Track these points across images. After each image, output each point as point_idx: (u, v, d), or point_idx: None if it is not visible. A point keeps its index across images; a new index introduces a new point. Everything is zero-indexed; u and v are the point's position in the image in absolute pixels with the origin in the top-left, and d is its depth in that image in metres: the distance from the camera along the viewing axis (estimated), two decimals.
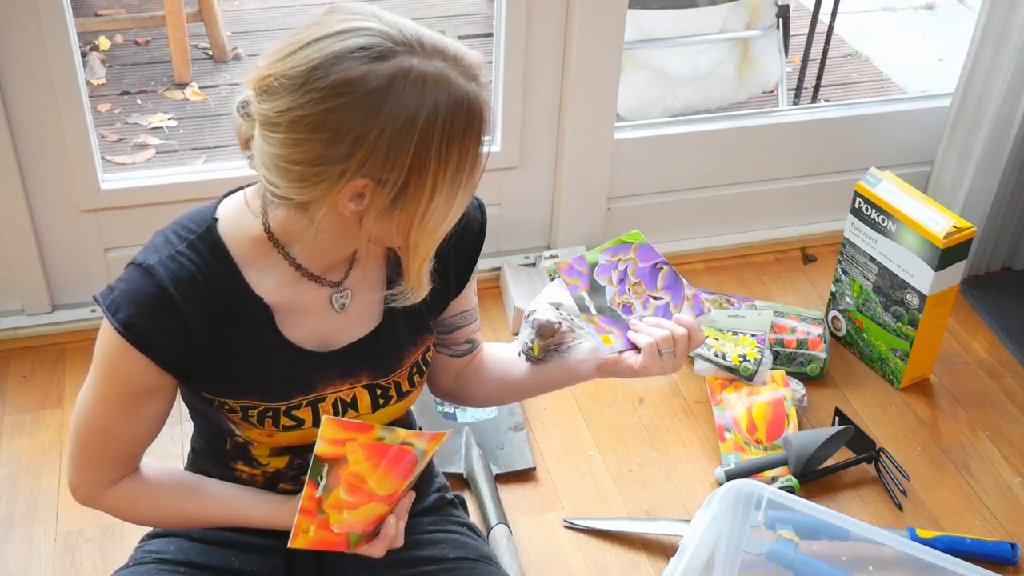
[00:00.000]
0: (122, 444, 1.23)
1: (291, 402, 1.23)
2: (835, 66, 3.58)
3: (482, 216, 1.33)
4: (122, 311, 1.14)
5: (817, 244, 2.70)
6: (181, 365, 1.19)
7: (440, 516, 1.43)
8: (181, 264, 1.16)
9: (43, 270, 2.29)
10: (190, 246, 1.17)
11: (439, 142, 1.06)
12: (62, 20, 2.04)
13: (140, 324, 1.14)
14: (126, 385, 1.19)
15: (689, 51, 3.13)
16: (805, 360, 2.30)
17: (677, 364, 1.28)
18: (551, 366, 1.36)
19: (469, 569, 1.34)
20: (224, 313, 1.18)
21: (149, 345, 1.15)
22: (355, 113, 1.04)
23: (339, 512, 1.19)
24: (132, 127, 3.17)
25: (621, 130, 2.50)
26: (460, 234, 1.29)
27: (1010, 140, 2.44)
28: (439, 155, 1.07)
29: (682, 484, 2.08)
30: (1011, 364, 2.39)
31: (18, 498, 1.98)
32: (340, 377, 1.25)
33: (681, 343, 1.27)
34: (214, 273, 1.17)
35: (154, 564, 1.32)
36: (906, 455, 2.15)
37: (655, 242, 2.80)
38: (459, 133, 1.07)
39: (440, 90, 1.05)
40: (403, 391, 1.30)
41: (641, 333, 1.27)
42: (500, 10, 2.27)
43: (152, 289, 1.14)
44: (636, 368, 1.27)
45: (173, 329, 1.16)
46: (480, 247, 1.34)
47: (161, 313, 1.15)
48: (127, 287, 1.16)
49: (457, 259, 1.31)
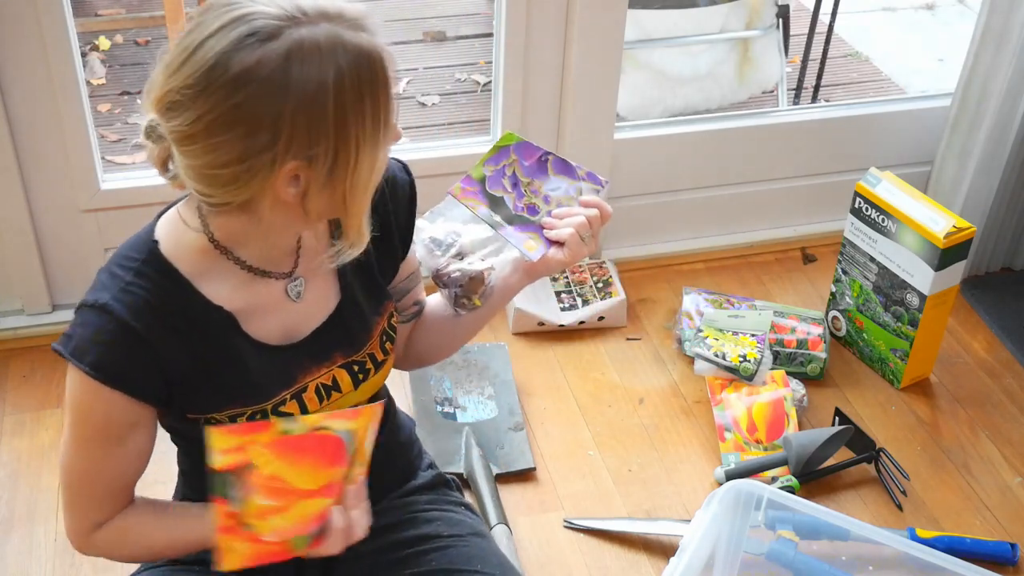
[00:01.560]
0: (111, 481, 1.22)
1: (276, 400, 1.23)
2: (835, 66, 3.58)
3: (408, 175, 1.34)
4: (89, 354, 1.13)
5: (817, 244, 2.70)
6: (159, 393, 1.18)
7: (436, 494, 1.44)
8: (134, 294, 1.15)
9: (43, 270, 2.29)
10: (138, 274, 1.16)
11: (353, 101, 1.06)
12: (62, 20, 2.04)
13: (110, 362, 1.13)
14: (104, 426, 1.17)
15: (689, 51, 3.13)
16: (805, 360, 2.30)
17: (595, 245, 1.33)
18: (487, 303, 1.37)
19: (463, 545, 1.36)
20: (189, 330, 1.17)
21: (123, 381, 1.14)
22: (263, 99, 1.04)
23: (265, 520, 1.12)
24: (132, 127, 3.17)
25: (621, 130, 2.50)
26: (393, 195, 1.31)
27: (1010, 140, 2.44)
28: (356, 113, 1.07)
29: (682, 484, 2.08)
30: (1011, 364, 2.39)
31: (18, 498, 1.98)
32: (315, 363, 1.25)
33: (596, 223, 1.31)
34: (168, 294, 1.16)
35: (166, 567, 1.32)
36: (906, 455, 2.15)
37: (655, 242, 2.80)
38: (368, 86, 1.07)
39: (337, 51, 1.05)
40: (378, 361, 1.31)
41: (559, 228, 1.31)
42: (500, 10, 2.27)
43: (112, 326, 1.13)
44: (565, 261, 1.31)
45: (143, 359, 1.15)
46: (414, 205, 1.35)
47: (128, 346, 1.14)
48: (85, 330, 1.14)
49: (397, 222, 1.33)
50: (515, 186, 1.31)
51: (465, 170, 1.39)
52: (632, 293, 2.51)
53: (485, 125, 2.57)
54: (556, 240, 1.31)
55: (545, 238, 1.31)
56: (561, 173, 1.32)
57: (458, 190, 1.31)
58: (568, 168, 1.34)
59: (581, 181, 1.33)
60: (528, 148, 1.33)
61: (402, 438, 1.46)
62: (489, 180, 1.32)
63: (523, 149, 1.33)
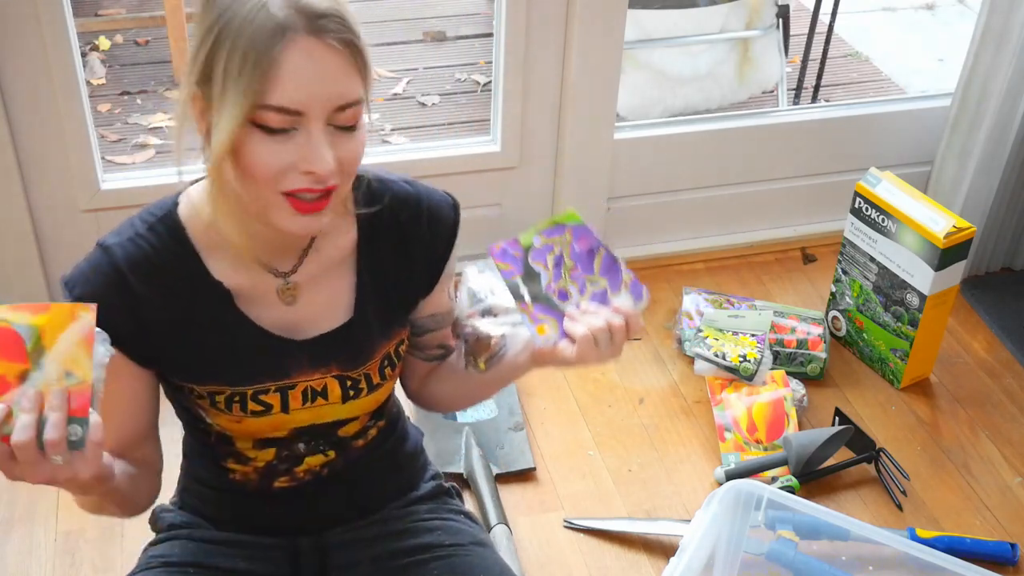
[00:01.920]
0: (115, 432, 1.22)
1: (258, 386, 1.23)
2: (835, 66, 3.58)
3: (454, 215, 1.32)
4: (77, 288, 1.18)
5: (817, 244, 2.70)
6: (138, 347, 1.19)
7: (436, 504, 1.43)
8: (139, 246, 1.19)
9: (43, 270, 2.29)
10: (150, 229, 1.20)
11: (231, 48, 1.07)
12: (62, 20, 2.04)
13: (91, 299, 1.12)
14: None
15: (689, 51, 3.13)
16: (805, 360, 2.30)
17: (615, 352, 1.22)
18: (495, 369, 1.31)
19: (465, 555, 1.35)
20: (183, 295, 1.20)
21: (100, 322, 1.14)
22: (203, 15, 1.09)
23: None
24: (132, 127, 3.17)
25: (621, 130, 2.50)
26: (431, 229, 1.29)
27: (1010, 140, 2.44)
28: (229, 60, 1.07)
29: (682, 484, 2.08)
30: (1011, 364, 2.39)
31: (18, 498, 1.98)
32: (311, 366, 1.25)
33: (618, 332, 1.20)
34: (171, 256, 1.19)
35: (161, 568, 1.32)
36: (906, 455, 2.15)
37: (655, 242, 2.80)
38: (249, 43, 1.06)
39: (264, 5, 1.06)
40: (373, 383, 1.29)
41: (577, 323, 1.21)
42: (500, 10, 2.27)
43: (107, 268, 1.18)
44: (571, 359, 1.21)
45: (124, 309, 1.17)
46: (451, 246, 1.32)
47: (112, 292, 1.17)
48: (86, 265, 1.20)
49: (428, 256, 1.31)
50: (557, 266, 1.24)
51: (465, 170, 1.39)
52: None
53: (485, 125, 2.57)
54: (570, 334, 1.22)
55: (562, 329, 1.22)
56: (606, 272, 1.25)
57: (498, 248, 1.24)
58: (615, 269, 1.26)
59: (623, 286, 1.25)
60: (584, 234, 1.26)
61: (408, 448, 1.45)
62: (534, 251, 1.24)
63: (580, 233, 1.26)
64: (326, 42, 1.07)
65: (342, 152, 1.11)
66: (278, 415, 1.25)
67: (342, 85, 1.09)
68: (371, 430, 1.36)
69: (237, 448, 1.30)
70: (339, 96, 1.09)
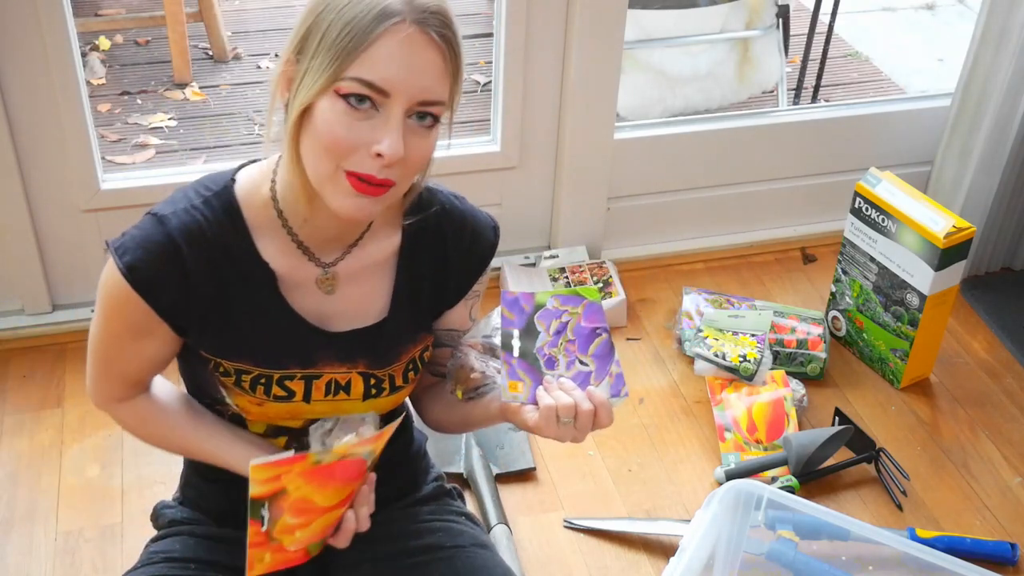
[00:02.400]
0: (126, 371, 1.27)
1: (285, 372, 1.25)
2: (835, 66, 3.58)
3: (494, 237, 1.35)
4: (128, 254, 1.18)
5: (817, 244, 2.70)
6: (178, 316, 1.21)
7: (438, 505, 1.44)
8: (193, 218, 1.19)
9: (43, 270, 2.29)
10: (205, 203, 1.21)
11: (333, 20, 1.10)
12: (62, 20, 2.04)
13: (143, 269, 1.17)
14: (124, 325, 1.22)
15: (689, 51, 3.13)
16: (805, 360, 2.30)
17: (578, 436, 1.21)
18: (471, 404, 1.31)
19: (465, 556, 1.35)
20: (229, 272, 1.21)
21: (149, 291, 1.18)
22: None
23: (291, 534, 1.17)
24: (132, 127, 3.17)
25: (621, 130, 2.50)
26: (471, 246, 1.31)
27: (1010, 140, 2.44)
28: (327, 31, 1.10)
29: (682, 484, 2.08)
30: (1011, 364, 2.39)
31: (18, 498, 1.98)
32: (339, 359, 1.26)
33: (583, 417, 1.19)
34: (224, 232, 1.20)
35: (163, 563, 1.32)
36: (906, 455, 2.15)
37: (655, 242, 2.80)
38: (352, 18, 1.09)
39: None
40: (396, 385, 1.31)
41: (548, 393, 1.19)
42: (500, 10, 2.27)
43: (161, 238, 1.18)
44: (531, 426, 1.20)
45: (174, 279, 1.19)
46: (486, 265, 1.34)
47: (165, 262, 1.18)
48: (138, 233, 1.19)
49: (461, 269, 1.33)
50: (557, 333, 1.23)
51: (465, 170, 1.39)
52: (632, 293, 2.51)
53: (485, 125, 2.57)
54: (538, 401, 1.20)
55: (534, 393, 1.20)
56: (599, 357, 1.24)
57: (512, 296, 1.23)
58: (608, 357, 1.24)
59: (607, 377, 1.23)
60: (596, 314, 1.25)
61: (412, 452, 1.46)
62: (544, 311, 1.24)
63: (592, 311, 1.25)
64: (428, 34, 1.10)
65: (412, 148, 1.12)
66: (299, 403, 1.26)
67: (432, 80, 1.11)
68: None
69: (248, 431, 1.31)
70: (426, 90, 1.11)
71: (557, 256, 2.53)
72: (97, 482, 2.01)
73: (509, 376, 1.21)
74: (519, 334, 1.22)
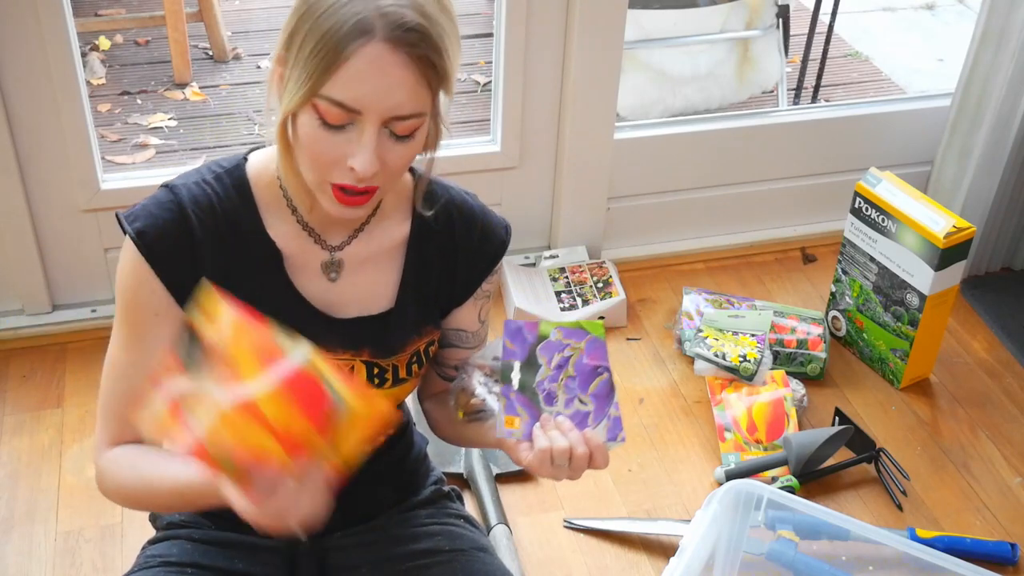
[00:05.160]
0: (129, 388, 1.23)
1: None
2: (835, 66, 3.58)
3: (506, 236, 1.36)
4: (139, 221, 1.19)
5: (817, 244, 2.70)
6: (186, 290, 1.20)
7: (436, 508, 1.43)
8: (204, 191, 1.21)
9: (43, 270, 2.29)
10: (217, 178, 1.23)
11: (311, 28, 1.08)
12: (62, 20, 2.04)
13: (152, 234, 1.18)
14: (135, 305, 1.22)
15: (689, 51, 3.13)
16: (805, 360, 2.30)
17: (572, 476, 1.20)
18: (472, 425, 1.30)
19: (465, 560, 1.35)
20: (237, 248, 1.22)
21: (157, 257, 1.19)
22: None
23: (209, 412, 0.95)
24: (132, 127, 3.17)
25: (621, 130, 2.50)
26: (480, 245, 1.32)
27: (1010, 140, 2.44)
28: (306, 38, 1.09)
29: (682, 484, 2.08)
30: (1011, 364, 2.39)
31: (18, 498, 1.98)
32: (343, 346, 1.26)
33: (578, 461, 1.18)
34: (234, 207, 1.21)
35: (160, 568, 1.32)
36: (906, 455, 2.15)
37: (655, 242, 2.80)
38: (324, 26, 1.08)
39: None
40: (399, 377, 1.30)
41: (543, 433, 1.18)
42: (500, 10, 2.27)
43: (171, 205, 1.20)
44: (524, 464, 1.20)
45: (183, 248, 1.19)
46: (495, 263, 1.35)
47: (174, 229, 1.19)
48: (149, 202, 1.21)
49: (469, 265, 1.33)
50: (558, 368, 1.21)
51: (465, 170, 1.39)
52: (632, 293, 2.51)
53: (485, 125, 2.57)
54: (533, 440, 1.19)
55: (530, 431, 1.18)
56: (597, 398, 1.22)
57: (515, 325, 1.21)
58: (607, 398, 1.22)
59: (605, 419, 1.22)
60: (598, 351, 1.22)
61: (412, 456, 1.46)
62: (547, 344, 1.21)
63: (595, 347, 1.22)
64: (399, 54, 1.08)
65: (390, 157, 1.13)
66: None
67: (404, 97, 1.10)
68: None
69: None
70: (397, 107, 1.10)
71: (557, 256, 2.53)
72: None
73: (507, 411, 1.19)
74: (520, 366, 1.20)
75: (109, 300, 2.34)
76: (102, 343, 1.29)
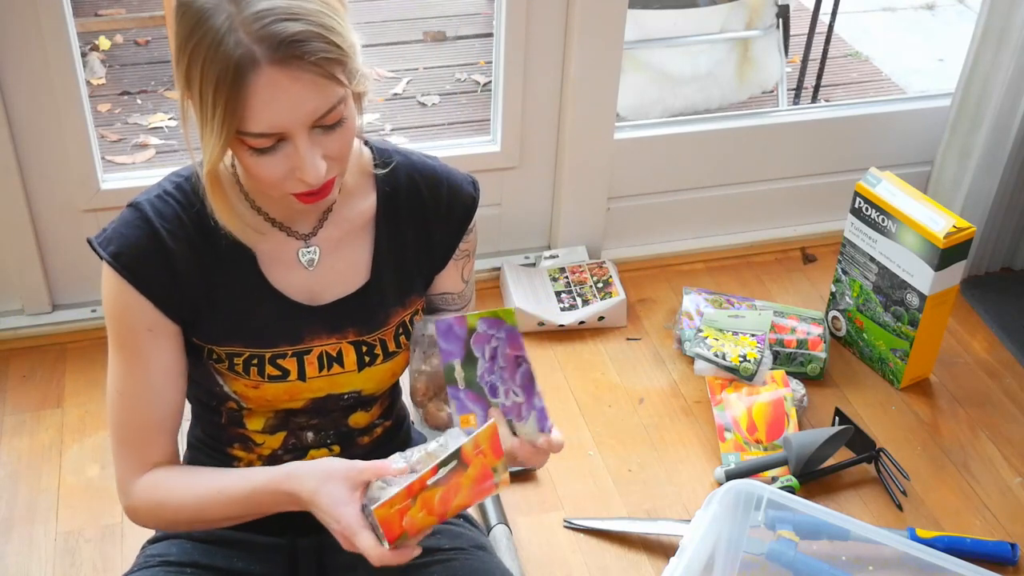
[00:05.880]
0: (142, 406, 1.24)
1: (276, 350, 1.25)
2: (835, 66, 3.58)
3: (474, 191, 1.34)
4: (112, 244, 1.20)
5: (817, 244, 2.70)
6: (171, 302, 1.21)
7: None
8: (167, 203, 1.21)
9: (43, 270, 2.29)
10: (177, 188, 1.23)
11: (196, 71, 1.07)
12: (62, 20, 2.04)
13: (128, 255, 1.19)
14: (127, 328, 1.22)
15: (689, 51, 3.13)
16: (805, 360, 2.30)
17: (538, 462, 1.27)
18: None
19: (464, 559, 1.35)
20: (209, 254, 1.22)
21: (137, 275, 1.19)
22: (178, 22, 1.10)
23: (419, 511, 1.11)
24: (132, 127, 3.17)
25: (621, 130, 2.50)
26: (449, 203, 1.31)
27: (1010, 140, 2.44)
28: (197, 79, 1.07)
29: (682, 484, 2.08)
30: (1011, 364, 2.39)
31: (18, 498, 1.98)
32: (326, 331, 1.26)
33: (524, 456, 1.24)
34: (199, 216, 1.21)
35: (159, 567, 1.32)
36: (906, 455, 2.15)
37: (655, 242, 2.79)
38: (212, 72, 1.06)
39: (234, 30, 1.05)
40: (389, 351, 1.30)
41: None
42: (500, 10, 2.27)
43: (139, 223, 1.20)
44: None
45: (159, 262, 1.20)
46: (468, 220, 1.33)
47: (147, 245, 1.19)
48: (117, 224, 1.21)
49: (442, 227, 1.32)
50: (492, 359, 1.20)
51: (465, 170, 1.39)
52: (632, 293, 2.51)
53: (485, 125, 2.57)
54: None
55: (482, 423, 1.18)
56: (522, 387, 1.20)
57: (445, 325, 1.19)
58: (530, 388, 1.20)
59: (532, 411, 1.21)
60: (515, 341, 1.19)
61: None
62: (477, 336, 1.19)
63: (512, 337, 1.19)
64: (291, 69, 1.06)
65: (330, 148, 1.13)
66: (295, 382, 1.26)
67: (316, 102, 1.09)
68: (377, 428, 1.37)
69: (246, 432, 1.31)
70: (314, 112, 1.09)
71: (557, 256, 2.53)
72: (97, 482, 2.01)
73: (459, 411, 1.19)
74: (460, 364, 1.19)
75: None
76: (102, 343, 1.29)
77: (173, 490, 1.25)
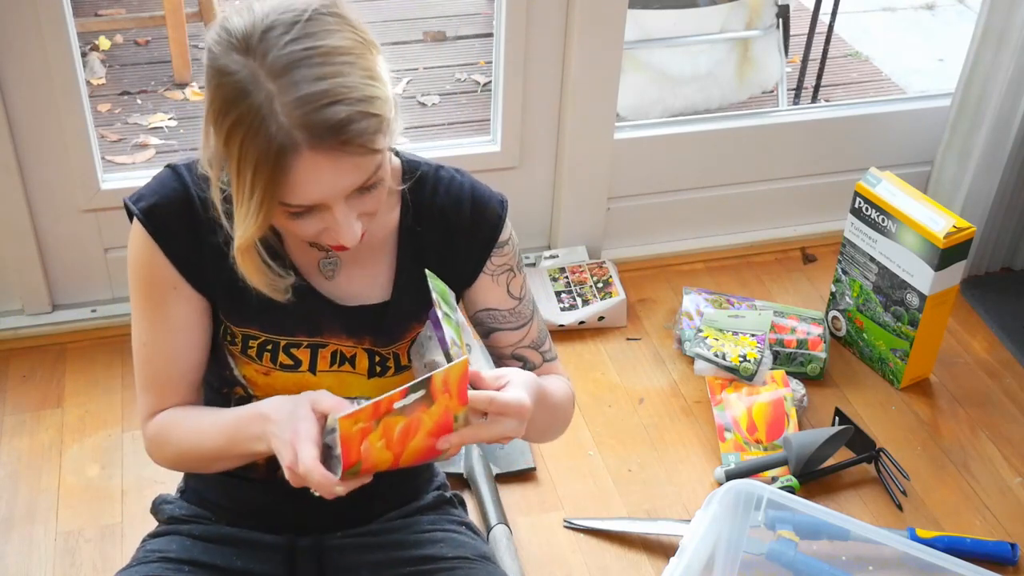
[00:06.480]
0: (164, 359, 1.26)
1: (292, 339, 1.26)
2: (835, 66, 3.58)
3: (500, 209, 1.34)
4: (144, 200, 1.23)
5: (817, 244, 2.70)
6: (195, 270, 1.22)
7: (439, 515, 1.43)
8: (205, 176, 1.20)
9: (43, 270, 2.29)
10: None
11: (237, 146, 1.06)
12: (62, 20, 2.04)
13: (158, 212, 1.21)
14: (148, 284, 1.24)
15: (689, 51, 3.13)
16: (805, 360, 2.30)
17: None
18: None
19: (467, 568, 1.34)
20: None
21: (162, 233, 1.21)
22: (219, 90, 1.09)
23: (379, 438, 1.08)
24: (132, 127, 3.17)
25: (621, 130, 2.50)
26: (475, 221, 1.31)
27: (1010, 140, 2.44)
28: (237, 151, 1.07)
29: (682, 484, 2.08)
30: (1011, 364, 2.39)
31: (18, 498, 1.98)
32: (345, 333, 1.27)
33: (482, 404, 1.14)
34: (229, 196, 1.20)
35: (158, 563, 1.32)
36: (906, 455, 2.15)
37: (655, 242, 2.80)
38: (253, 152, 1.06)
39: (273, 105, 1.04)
40: (401, 365, 1.30)
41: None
42: (500, 10, 2.27)
43: (177, 184, 1.22)
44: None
45: (187, 226, 1.21)
46: (494, 238, 1.33)
47: (179, 207, 1.21)
48: (154, 182, 1.24)
49: (467, 243, 1.31)
50: (436, 326, 1.19)
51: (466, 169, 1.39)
52: (632, 293, 2.51)
53: (485, 125, 2.57)
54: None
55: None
56: (435, 326, 1.20)
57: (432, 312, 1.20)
58: (437, 326, 1.20)
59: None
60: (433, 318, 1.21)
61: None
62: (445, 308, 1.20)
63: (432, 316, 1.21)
64: (331, 153, 1.05)
65: (367, 206, 1.14)
66: (305, 374, 1.27)
67: (354, 176, 1.09)
68: None
69: None
70: (352, 185, 1.10)
71: (557, 256, 2.53)
72: (97, 482, 2.01)
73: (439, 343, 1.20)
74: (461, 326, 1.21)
75: (109, 300, 2.34)
76: (102, 343, 1.29)
77: (177, 425, 1.27)
